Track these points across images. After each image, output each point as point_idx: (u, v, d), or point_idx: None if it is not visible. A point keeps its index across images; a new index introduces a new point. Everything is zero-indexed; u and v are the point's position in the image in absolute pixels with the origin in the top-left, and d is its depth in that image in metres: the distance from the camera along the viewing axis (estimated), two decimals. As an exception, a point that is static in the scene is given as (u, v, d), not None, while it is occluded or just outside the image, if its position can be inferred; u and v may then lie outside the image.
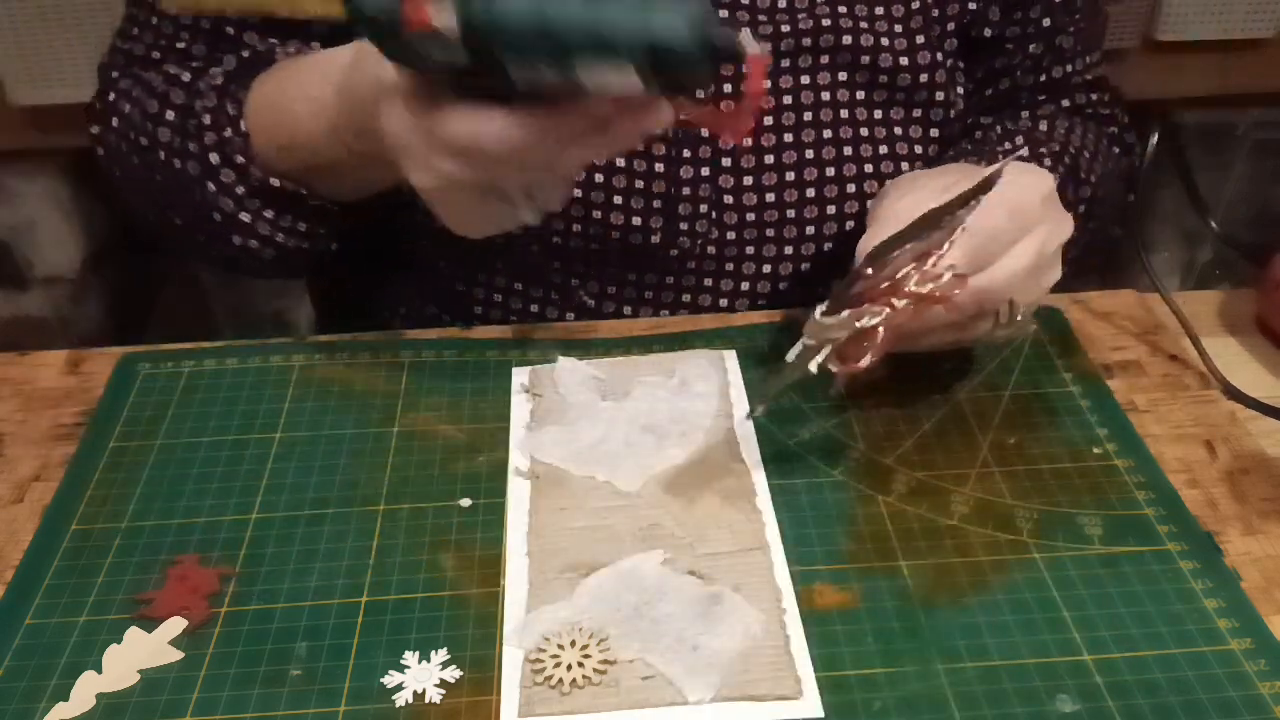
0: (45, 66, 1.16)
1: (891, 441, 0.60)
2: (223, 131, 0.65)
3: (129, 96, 0.70)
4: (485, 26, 0.47)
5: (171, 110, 0.67)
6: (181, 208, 0.69)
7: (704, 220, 0.69)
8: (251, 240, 0.67)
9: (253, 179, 0.65)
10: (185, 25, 0.70)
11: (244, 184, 0.65)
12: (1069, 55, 0.77)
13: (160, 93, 0.68)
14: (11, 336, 1.36)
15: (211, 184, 0.66)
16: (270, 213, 0.66)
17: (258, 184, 0.65)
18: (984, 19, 0.73)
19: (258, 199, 0.66)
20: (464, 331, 0.68)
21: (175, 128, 0.67)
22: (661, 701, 0.47)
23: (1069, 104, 0.78)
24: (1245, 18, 1.23)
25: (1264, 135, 1.37)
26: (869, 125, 0.70)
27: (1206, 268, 1.43)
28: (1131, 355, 0.66)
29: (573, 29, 0.47)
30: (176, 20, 0.70)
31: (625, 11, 0.47)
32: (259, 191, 0.65)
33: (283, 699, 0.48)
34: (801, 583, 0.52)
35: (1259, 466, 0.59)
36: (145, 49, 0.71)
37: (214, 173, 0.65)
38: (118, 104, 0.71)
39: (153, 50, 0.71)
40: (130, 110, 0.70)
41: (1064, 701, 0.47)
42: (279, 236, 0.67)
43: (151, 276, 1.45)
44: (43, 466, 0.59)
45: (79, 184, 1.31)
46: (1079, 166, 0.73)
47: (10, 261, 1.34)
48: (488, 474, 0.58)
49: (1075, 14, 0.75)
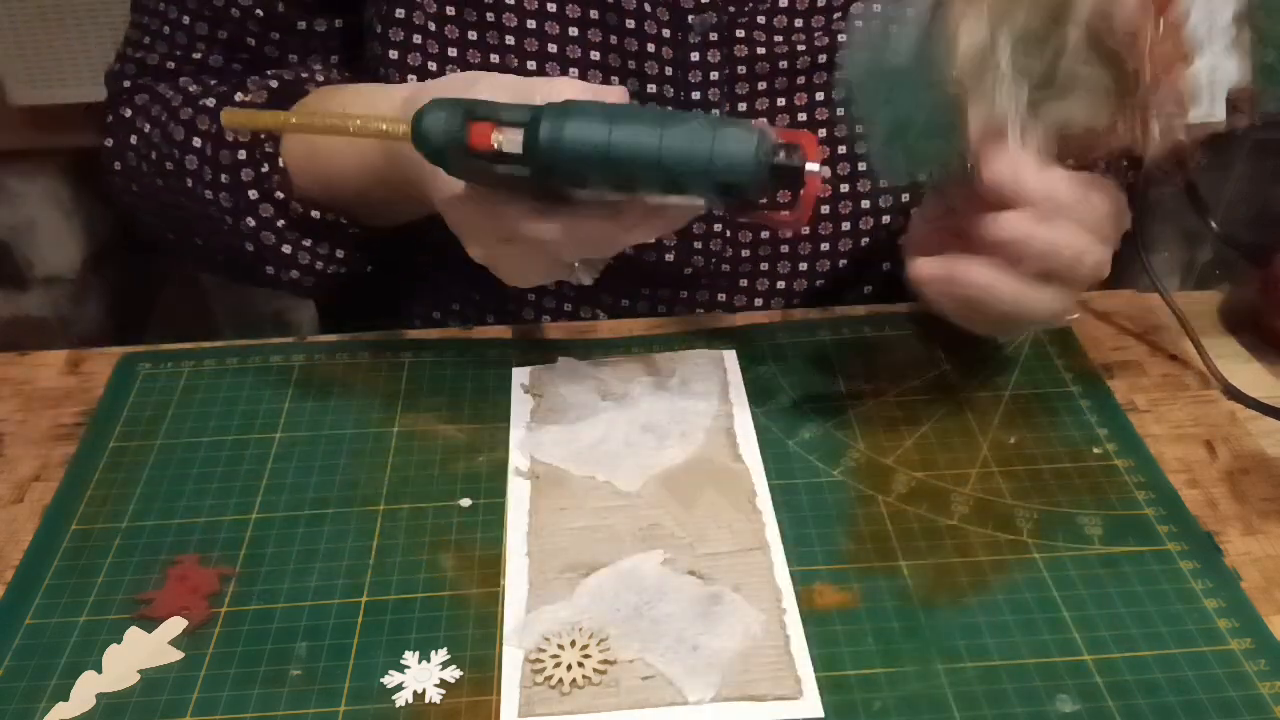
0: (45, 66, 1.16)
1: (891, 441, 0.60)
2: (260, 168, 0.65)
3: (147, 114, 0.70)
4: (551, 156, 0.48)
5: (199, 138, 0.67)
6: (208, 233, 0.69)
7: (718, 239, 0.69)
8: (292, 271, 0.68)
9: (294, 213, 0.65)
10: (202, 36, 0.70)
11: (284, 217, 0.66)
12: None
13: (186, 119, 0.67)
14: (11, 336, 1.36)
15: (251, 219, 0.66)
16: (309, 242, 0.67)
17: (298, 217, 0.65)
18: None
19: (298, 231, 0.66)
20: (464, 331, 0.68)
21: (204, 157, 0.66)
22: (661, 701, 0.47)
23: None
24: (1245, 18, 1.23)
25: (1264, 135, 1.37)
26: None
27: (1206, 268, 1.43)
28: (1131, 355, 0.66)
29: (638, 163, 0.48)
30: (193, 30, 0.70)
31: (689, 143, 0.48)
32: (299, 224, 0.66)
33: (283, 699, 0.48)
34: (801, 583, 0.52)
35: (1259, 466, 0.59)
36: (159, 59, 0.71)
37: (253, 208, 0.66)
38: (135, 121, 0.70)
39: (167, 60, 0.71)
40: (151, 130, 0.69)
41: (1064, 701, 0.47)
42: (319, 264, 0.68)
43: (151, 276, 1.45)
44: (43, 466, 0.59)
45: (79, 184, 1.31)
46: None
47: (10, 261, 1.34)
48: (488, 474, 0.58)
49: None
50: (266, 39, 0.70)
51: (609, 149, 0.48)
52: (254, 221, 0.66)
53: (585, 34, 0.66)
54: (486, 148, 0.49)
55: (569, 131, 0.48)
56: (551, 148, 0.48)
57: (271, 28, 0.69)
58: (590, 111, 0.49)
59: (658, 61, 0.66)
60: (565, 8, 0.65)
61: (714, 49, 0.66)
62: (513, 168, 0.49)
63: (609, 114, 0.48)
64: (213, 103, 0.67)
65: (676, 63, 0.66)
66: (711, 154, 0.48)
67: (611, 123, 0.48)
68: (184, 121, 0.67)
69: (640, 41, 0.66)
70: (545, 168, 0.48)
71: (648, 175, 0.48)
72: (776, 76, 0.68)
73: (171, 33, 0.70)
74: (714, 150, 0.48)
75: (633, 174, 0.48)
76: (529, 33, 0.65)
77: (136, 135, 0.70)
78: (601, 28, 0.66)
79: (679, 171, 0.48)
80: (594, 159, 0.48)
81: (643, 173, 0.48)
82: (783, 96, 0.68)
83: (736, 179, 0.48)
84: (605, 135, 0.48)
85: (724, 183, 0.48)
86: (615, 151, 0.48)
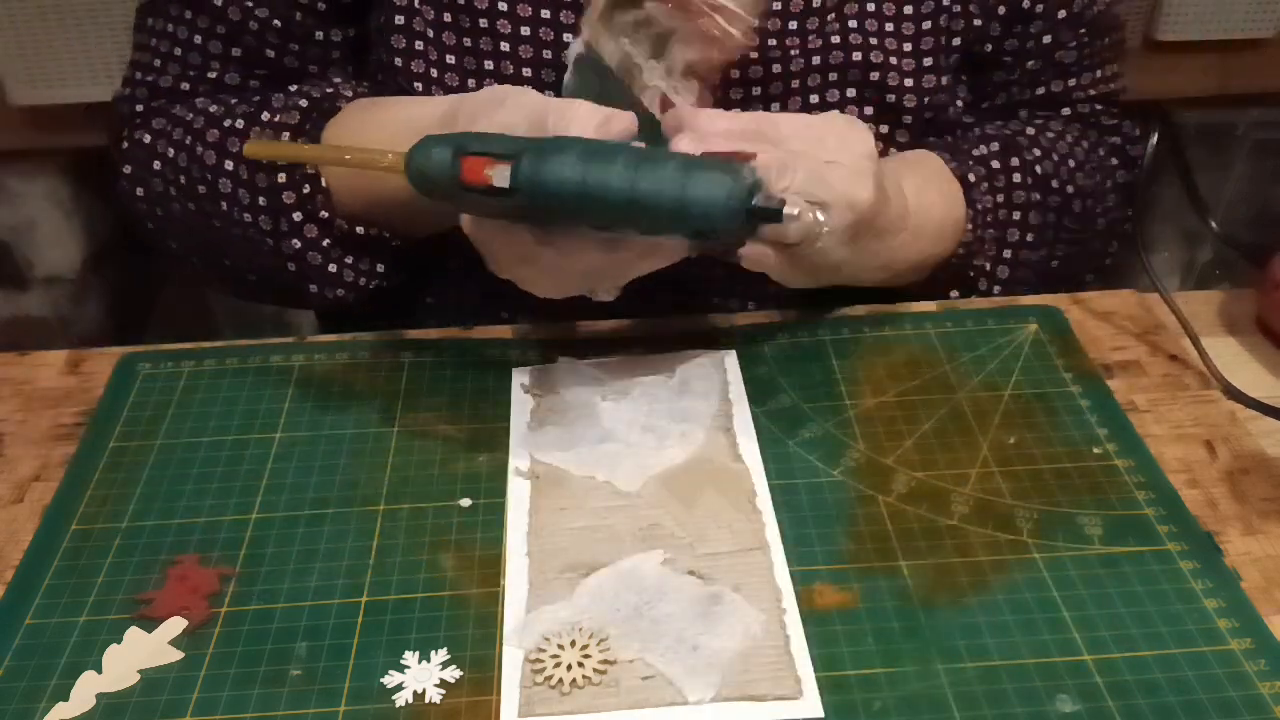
0: (45, 66, 1.16)
1: (891, 441, 0.60)
2: (301, 189, 0.65)
3: (169, 139, 0.69)
4: (532, 193, 0.49)
5: (231, 160, 0.66)
6: (244, 255, 0.69)
7: None
8: (337, 289, 0.68)
9: (339, 230, 0.66)
10: (215, 54, 0.69)
11: (329, 236, 0.66)
12: (1072, 70, 0.76)
13: (213, 142, 0.67)
14: (11, 336, 1.36)
15: (296, 240, 0.66)
16: (351, 259, 0.67)
17: (342, 234, 0.66)
18: (984, 35, 0.72)
19: (340, 248, 0.67)
20: (464, 331, 0.68)
21: (240, 180, 0.66)
22: (661, 701, 0.47)
23: (1070, 112, 0.78)
24: (1245, 18, 1.23)
25: (1264, 135, 1.37)
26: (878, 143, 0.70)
27: (1206, 268, 1.43)
28: (1131, 355, 0.66)
29: (610, 204, 0.49)
30: (206, 49, 0.69)
31: (662, 185, 0.48)
32: (343, 241, 0.66)
33: (283, 699, 0.48)
34: (801, 583, 0.52)
35: (1259, 466, 0.59)
36: (173, 80, 0.71)
37: (297, 229, 0.66)
38: (156, 146, 0.70)
39: (181, 82, 0.70)
40: (176, 155, 0.69)
41: (1064, 701, 0.47)
42: (361, 280, 0.68)
43: (151, 276, 1.45)
44: (43, 466, 0.59)
45: (79, 184, 1.31)
46: (1051, 176, 0.73)
47: (10, 261, 1.33)
48: (488, 474, 0.58)
49: (1080, 30, 0.74)
50: (286, 50, 0.70)
51: (584, 188, 0.49)
52: (299, 243, 0.66)
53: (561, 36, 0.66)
54: (480, 182, 0.50)
55: (546, 171, 0.49)
56: (531, 185, 0.49)
57: (291, 39, 0.69)
58: (569, 149, 0.49)
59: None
60: (559, 14, 0.65)
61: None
62: (505, 201, 0.50)
63: (588, 152, 0.49)
64: (241, 124, 0.67)
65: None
66: (684, 198, 0.48)
67: (588, 162, 0.49)
68: (212, 145, 0.67)
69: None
70: (531, 203, 0.49)
71: (622, 216, 0.49)
72: (771, 82, 0.68)
73: (184, 54, 0.70)
74: (685, 195, 0.48)
75: (608, 214, 0.49)
76: (523, 39, 0.66)
77: (161, 160, 0.70)
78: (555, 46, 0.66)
79: (652, 215, 0.49)
80: (570, 198, 0.49)
81: (617, 214, 0.49)
82: (776, 101, 0.68)
83: (709, 225, 0.49)
84: (580, 175, 0.49)
85: (697, 228, 0.49)
86: (590, 191, 0.49)
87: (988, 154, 0.72)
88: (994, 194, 0.71)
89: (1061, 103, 0.77)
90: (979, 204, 0.70)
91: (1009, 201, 0.72)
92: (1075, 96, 0.77)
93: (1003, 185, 0.72)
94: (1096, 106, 0.79)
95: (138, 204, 0.72)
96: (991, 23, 0.72)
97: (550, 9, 0.65)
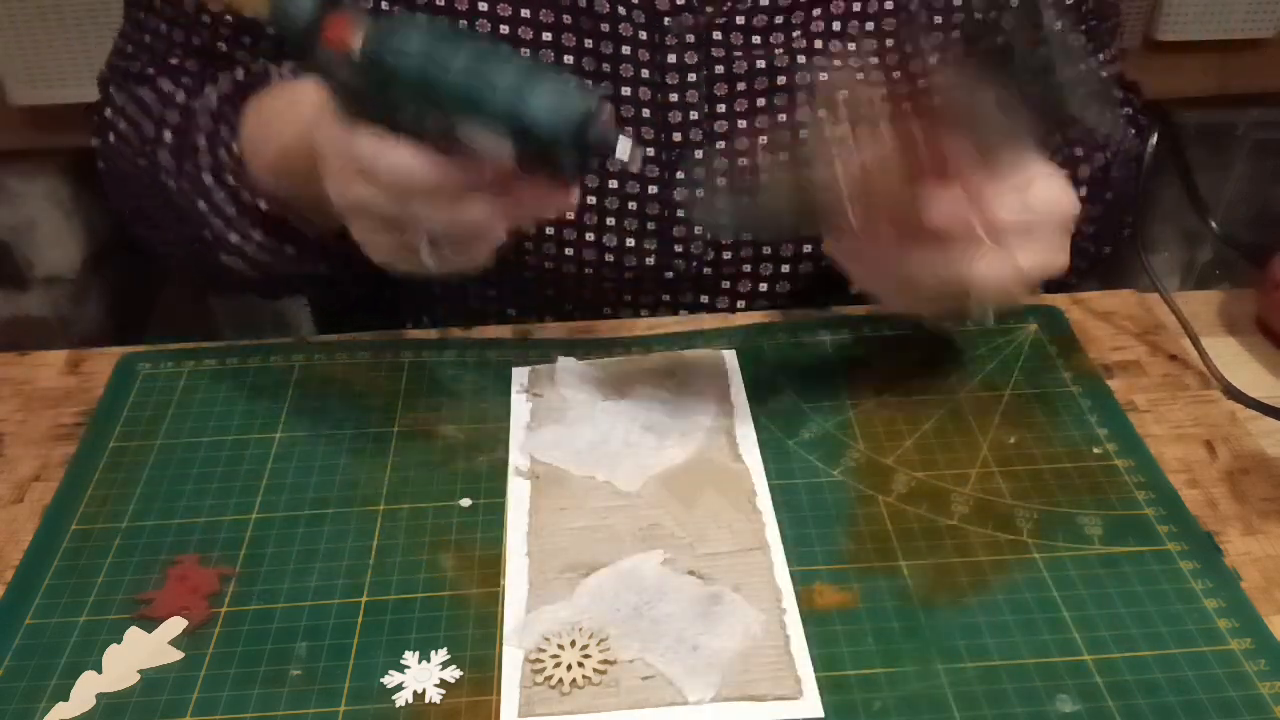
0: (45, 66, 1.16)
1: (891, 441, 0.60)
2: (217, 152, 0.65)
3: (124, 114, 0.71)
4: (377, 59, 0.47)
5: (169, 131, 0.67)
6: (173, 226, 0.69)
7: (699, 241, 0.69)
8: (239, 261, 0.67)
9: (243, 200, 0.65)
10: (179, 43, 0.71)
11: (235, 205, 0.65)
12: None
13: (156, 116, 0.68)
14: (11, 336, 1.36)
15: (204, 203, 0.66)
16: (259, 234, 0.66)
17: (249, 204, 0.65)
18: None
19: (247, 219, 0.66)
20: (464, 331, 0.68)
21: (172, 150, 0.67)
22: (661, 701, 0.47)
23: None
24: (1245, 18, 1.23)
25: (1264, 135, 1.37)
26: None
27: (1206, 268, 1.43)
28: (1131, 355, 0.66)
29: (453, 84, 0.47)
30: (170, 38, 0.71)
31: (505, 80, 0.47)
32: (248, 212, 0.65)
33: (283, 699, 0.48)
34: (801, 583, 0.52)
35: (1259, 466, 0.59)
36: (140, 66, 0.72)
37: (207, 194, 0.66)
38: (114, 121, 0.72)
39: (147, 68, 0.72)
40: (126, 128, 0.70)
41: (1064, 701, 0.47)
42: (264, 258, 0.67)
43: (151, 276, 1.45)
44: (43, 466, 0.59)
45: (79, 184, 1.31)
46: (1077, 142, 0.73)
47: (10, 261, 1.33)
48: (488, 474, 0.58)
49: (1082, 10, 0.75)
50: (238, 44, 0.70)
51: (429, 58, 0.47)
52: (206, 206, 0.66)
53: (560, 39, 0.66)
54: (337, 41, 0.48)
55: (396, 38, 0.47)
56: (377, 45, 0.47)
57: (243, 32, 0.70)
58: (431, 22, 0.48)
59: (634, 64, 0.66)
60: (539, 13, 0.65)
61: (691, 51, 0.66)
62: (354, 76, 0.48)
63: (438, 30, 0.47)
64: (182, 97, 0.68)
65: (654, 65, 0.66)
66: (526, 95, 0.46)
67: (437, 38, 0.47)
68: (155, 118, 0.68)
69: (616, 44, 0.66)
70: (374, 71, 0.47)
71: (459, 98, 0.47)
72: (756, 77, 0.67)
73: (151, 41, 0.72)
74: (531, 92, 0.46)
75: (446, 92, 0.47)
76: (503, 38, 0.65)
77: (114, 134, 0.71)
78: (576, 31, 0.66)
79: (489, 101, 0.46)
80: (413, 66, 0.47)
81: (456, 92, 0.47)
82: (761, 97, 0.68)
83: (542, 127, 0.46)
84: (425, 48, 0.47)
85: (531, 128, 0.47)
86: (435, 58, 0.46)
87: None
88: None
89: None
90: None
91: None
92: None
93: None
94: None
95: (101, 174, 0.74)
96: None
97: (530, 9, 0.65)
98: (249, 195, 0.65)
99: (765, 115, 0.68)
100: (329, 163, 0.52)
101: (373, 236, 0.54)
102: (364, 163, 0.50)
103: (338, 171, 0.52)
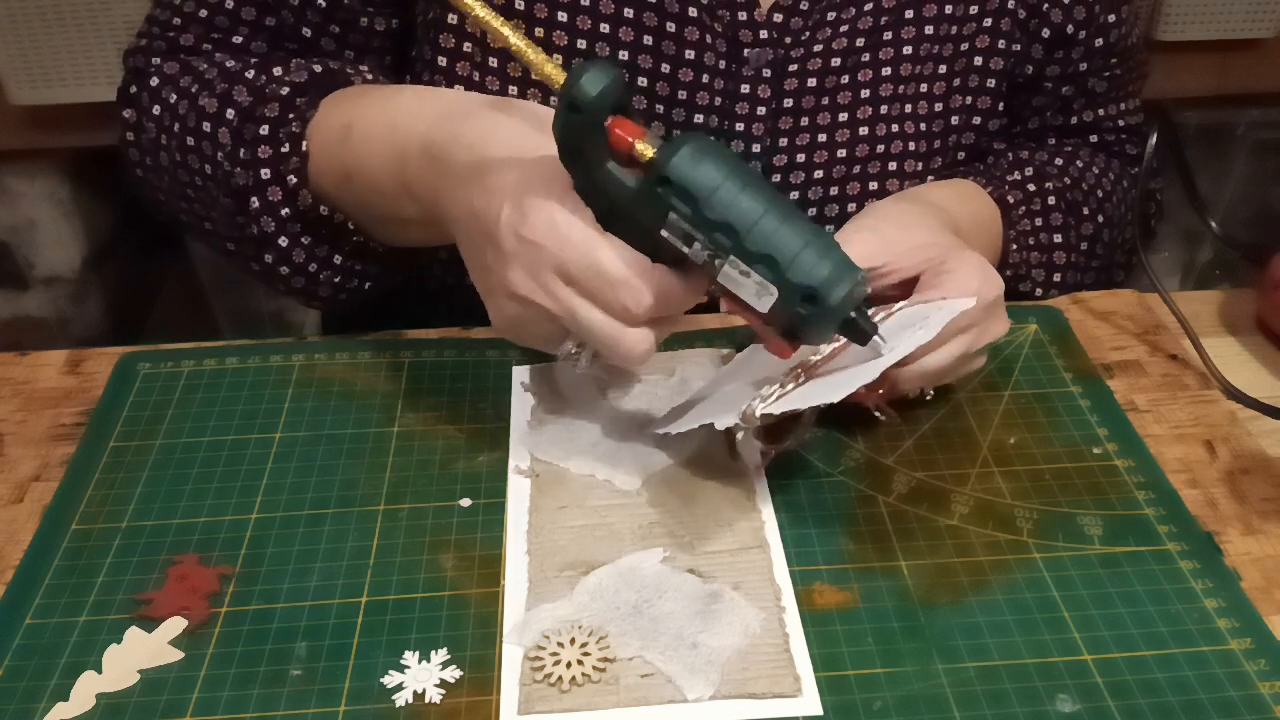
0: (45, 66, 1.16)
1: (891, 441, 0.60)
2: (280, 146, 0.62)
3: (175, 84, 0.66)
4: (673, 172, 0.46)
5: (232, 109, 0.63)
6: (218, 212, 0.66)
7: None
8: (283, 266, 0.65)
9: (300, 203, 0.62)
10: (247, 20, 0.67)
11: (289, 205, 0.63)
12: (1100, 100, 0.77)
13: (221, 92, 0.64)
14: (11, 336, 1.36)
15: (256, 199, 0.62)
16: (308, 239, 0.64)
17: (303, 209, 0.63)
18: (1027, 57, 0.73)
19: (299, 223, 0.63)
20: (464, 331, 0.68)
21: (232, 129, 0.63)
22: (661, 699, 0.47)
23: (1096, 140, 0.79)
24: (1245, 18, 1.23)
25: (1264, 135, 1.37)
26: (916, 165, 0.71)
27: (1206, 268, 1.43)
28: (1131, 355, 0.66)
29: (749, 220, 0.46)
30: (237, 14, 0.67)
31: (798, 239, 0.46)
32: (302, 216, 0.63)
33: (283, 699, 0.48)
34: (801, 582, 0.52)
35: (1259, 466, 0.59)
36: (194, 39, 0.68)
37: (261, 188, 0.62)
38: (161, 91, 0.66)
39: (203, 43, 0.68)
40: (177, 101, 0.65)
41: (1064, 701, 0.47)
42: (312, 266, 0.65)
43: (151, 276, 1.45)
44: (43, 466, 0.59)
45: (79, 184, 1.31)
46: (1082, 204, 0.74)
47: (10, 261, 1.33)
48: (488, 474, 0.58)
49: (1111, 59, 0.75)
50: (325, 31, 0.67)
51: (719, 194, 0.46)
52: (258, 203, 0.62)
53: (637, 60, 0.65)
54: (622, 141, 0.47)
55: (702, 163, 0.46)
56: (681, 162, 0.46)
57: (333, 21, 0.67)
58: (725, 151, 0.47)
59: (709, 92, 0.67)
60: (619, 31, 0.65)
61: (764, 84, 0.67)
62: (622, 178, 0.47)
63: (737, 165, 0.47)
64: (252, 75, 0.64)
65: (727, 94, 0.67)
66: (822, 261, 0.46)
67: (739, 171, 0.47)
68: (219, 94, 0.64)
69: (695, 72, 0.66)
70: (660, 182, 0.47)
71: (752, 238, 0.46)
72: (819, 113, 0.68)
73: (210, 16, 0.67)
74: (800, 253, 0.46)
75: (737, 227, 0.46)
76: (580, 54, 0.65)
77: (160, 105, 0.66)
78: (655, 55, 0.65)
79: (762, 248, 0.46)
80: (705, 193, 0.46)
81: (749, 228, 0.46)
82: (823, 134, 0.68)
83: (824, 296, 0.46)
84: (724, 177, 0.46)
85: (808, 295, 0.46)
86: (724, 194, 0.46)
87: (1022, 179, 0.73)
88: (1031, 218, 0.72)
89: (1089, 131, 0.78)
90: (1019, 225, 0.71)
91: (1047, 225, 0.73)
92: (1104, 126, 0.78)
93: (1039, 209, 0.72)
94: (1122, 136, 0.79)
95: (131, 150, 0.70)
96: (1034, 45, 0.72)
97: (609, 24, 0.65)
98: (309, 198, 0.62)
99: (825, 149, 0.69)
100: (520, 252, 0.50)
101: (530, 328, 0.53)
102: (599, 273, 0.48)
103: (530, 264, 0.50)
